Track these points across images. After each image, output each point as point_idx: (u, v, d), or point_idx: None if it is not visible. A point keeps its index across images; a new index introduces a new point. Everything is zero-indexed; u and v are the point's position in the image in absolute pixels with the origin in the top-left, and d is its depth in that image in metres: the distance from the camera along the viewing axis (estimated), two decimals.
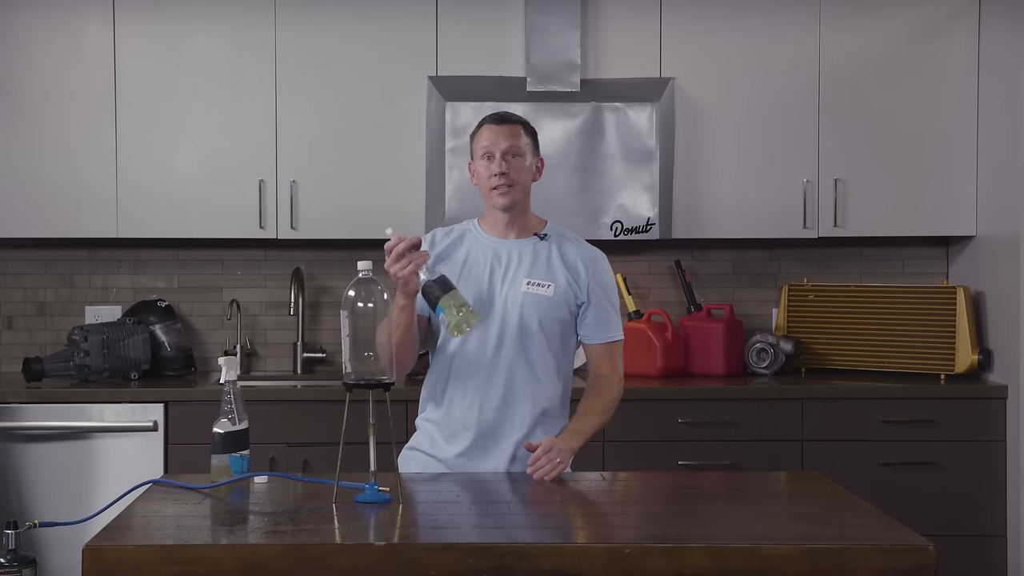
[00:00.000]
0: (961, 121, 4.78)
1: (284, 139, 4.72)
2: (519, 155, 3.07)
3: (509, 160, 3.05)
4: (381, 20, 4.73)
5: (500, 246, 3.12)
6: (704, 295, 5.11)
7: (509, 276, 3.08)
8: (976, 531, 4.55)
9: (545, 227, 3.18)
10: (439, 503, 2.78)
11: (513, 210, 3.10)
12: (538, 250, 3.12)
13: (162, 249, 5.05)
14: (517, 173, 3.06)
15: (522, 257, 3.10)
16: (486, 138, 3.08)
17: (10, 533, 2.63)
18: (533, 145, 3.13)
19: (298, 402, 4.47)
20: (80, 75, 4.69)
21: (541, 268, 3.09)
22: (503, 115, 3.13)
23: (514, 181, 3.06)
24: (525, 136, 3.10)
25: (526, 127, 3.14)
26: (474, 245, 3.13)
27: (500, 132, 3.07)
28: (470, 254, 3.11)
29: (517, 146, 3.07)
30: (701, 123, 4.77)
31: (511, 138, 3.07)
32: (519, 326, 3.05)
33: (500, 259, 3.10)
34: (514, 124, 3.10)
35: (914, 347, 4.78)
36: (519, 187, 3.07)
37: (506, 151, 3.05)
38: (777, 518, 2.63)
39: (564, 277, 3.09)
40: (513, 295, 3.06)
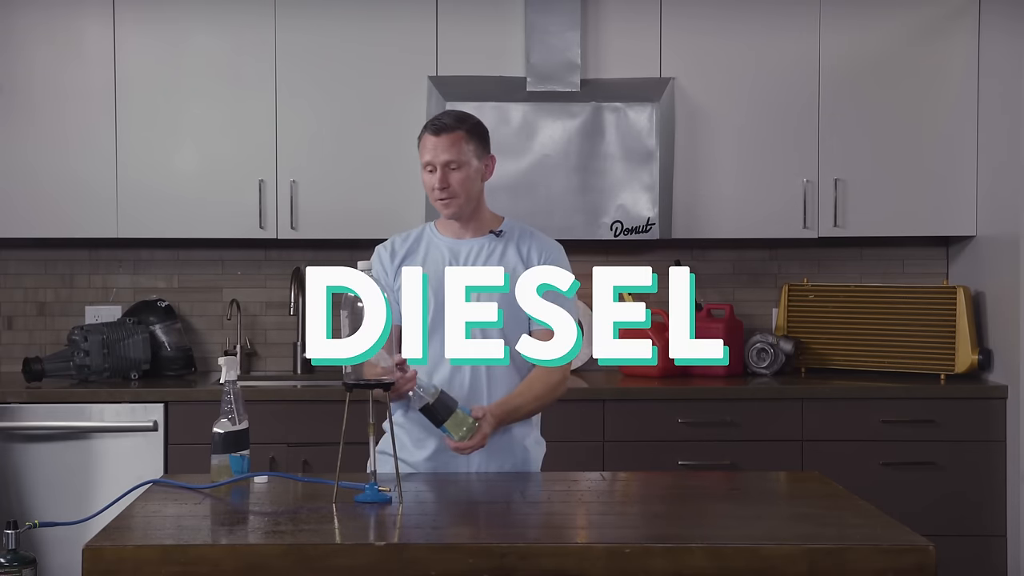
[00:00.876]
0: (961, 121, 4.78)
1: (284, 139, 4.72)
2: (461, 165, 3.06)
3: (449, 172, 3.06)
4: (381, 20, 4.73)
5: (456, 246, 3.14)
6: (704, 295, 5.11)
7: None
8: (976, 531, 4.55)
9: (501, 224, 3.19)
10: (439, 503, 2.78)
11: (462, 217, 3.13)
12: (494, 247, 3.14)
13: (162, 249, 5.05)
14: (459, 184, 3.06)
15: (478, 255, 3.13)
16: (426, 149, 3.09)
17: (10, 533, 2.63)
18: (478, 148, 3.10)
19: (298, 402, 4.47)
20: (80, 75, 4.69)
21: (495, 263, 3.11)
22: (441, 124, 3.09)
23: (455, 193, 3.07)
24: (467, 143, 3.08)
25: (469, 130, 3.10)
26: (431, 247, 3.16)
27: (439, 144, 3.07)
28: (428, 256, 3.14)
29: (457, 158, 3.06)
30: (701, 123, 4.77)
31: (449, 150, 3.06)
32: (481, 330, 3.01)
33: (457, 258, 3.12)
34: (453, 133, 3.07)
35: (914, 347, 4.77)
36: (461, 197, 3.08)
37: (446, 164, 3.06)
38: (777, 518, 2.63)
39: (519, 270, 3.06)
40: None
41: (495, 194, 4.56)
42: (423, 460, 3.10)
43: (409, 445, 3.11)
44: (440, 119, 3.11)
